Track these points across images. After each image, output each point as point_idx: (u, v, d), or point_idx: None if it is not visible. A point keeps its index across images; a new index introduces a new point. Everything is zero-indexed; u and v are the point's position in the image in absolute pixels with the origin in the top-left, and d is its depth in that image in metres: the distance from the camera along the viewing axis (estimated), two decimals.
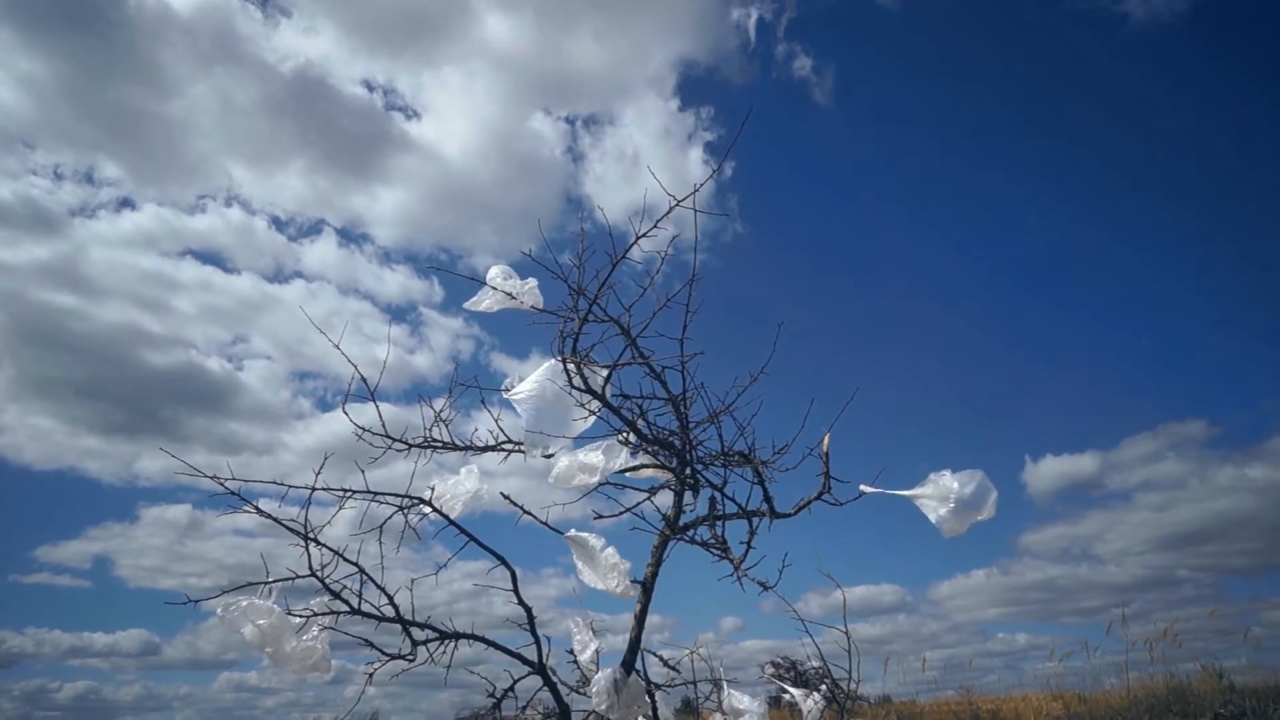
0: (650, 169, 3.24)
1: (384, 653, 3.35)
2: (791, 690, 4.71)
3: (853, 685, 4.16)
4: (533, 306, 3.62)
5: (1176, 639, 7.33)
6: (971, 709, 7.83)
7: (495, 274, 3.69)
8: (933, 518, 3.31)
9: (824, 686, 4.42)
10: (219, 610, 3.13)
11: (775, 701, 9.85)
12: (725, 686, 4.08)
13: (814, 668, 4.31)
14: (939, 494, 3.31)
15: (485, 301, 3.68)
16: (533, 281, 3.62)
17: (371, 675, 3.34)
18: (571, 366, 3.38)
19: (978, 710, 7.78)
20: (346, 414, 3.58)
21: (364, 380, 3.57)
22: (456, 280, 3.83)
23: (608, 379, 3.51)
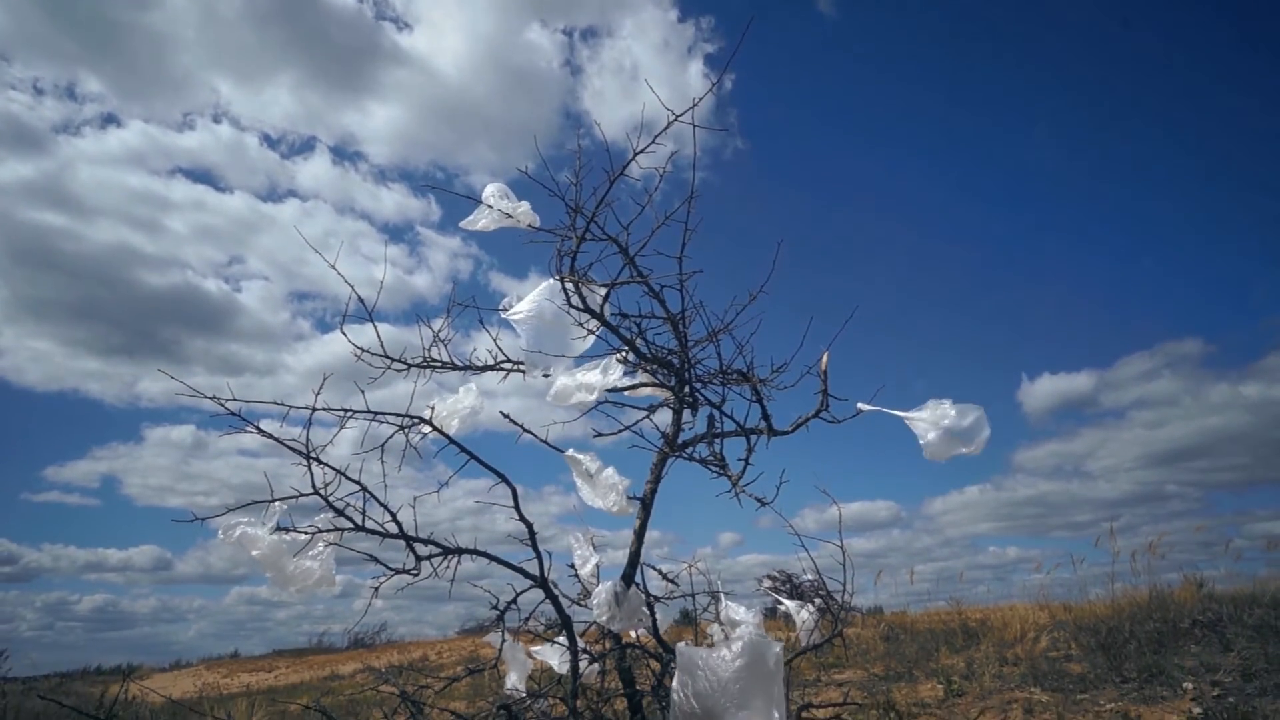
0: (648, 82, 3.14)
1: (389, 568, 3.42)
2: (786, 602, 4.84)
3: (846, 597, 4.28)
4: (529, 225, 3.57)
5: (1154, 549, 7.53)
6: (960, 619, 8.09)
7: (491, 192, 3.62)
8: (921, 440, 3.35)
9: (818, 599, 4.54)
10: (219, 534, 3.18)
11: (771, 613, 10.16)
12: (723, 599, 4.18)
13: (809, 581, 4.42)
14: (933, 419, 3.34)
15: (481, 220, 3.62)
16: (526, 203, 3.56)
17: (377, 589, 3.41)
18: (570, 285, 3.35)
19: (966, 620, 8.04)
20: (345, 334, 3.56)
21: (361, 301, 3.54)
22: (454, 199, 3.78)
23: (606, 298, 3.48)
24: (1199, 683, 4.80)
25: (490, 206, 3.57)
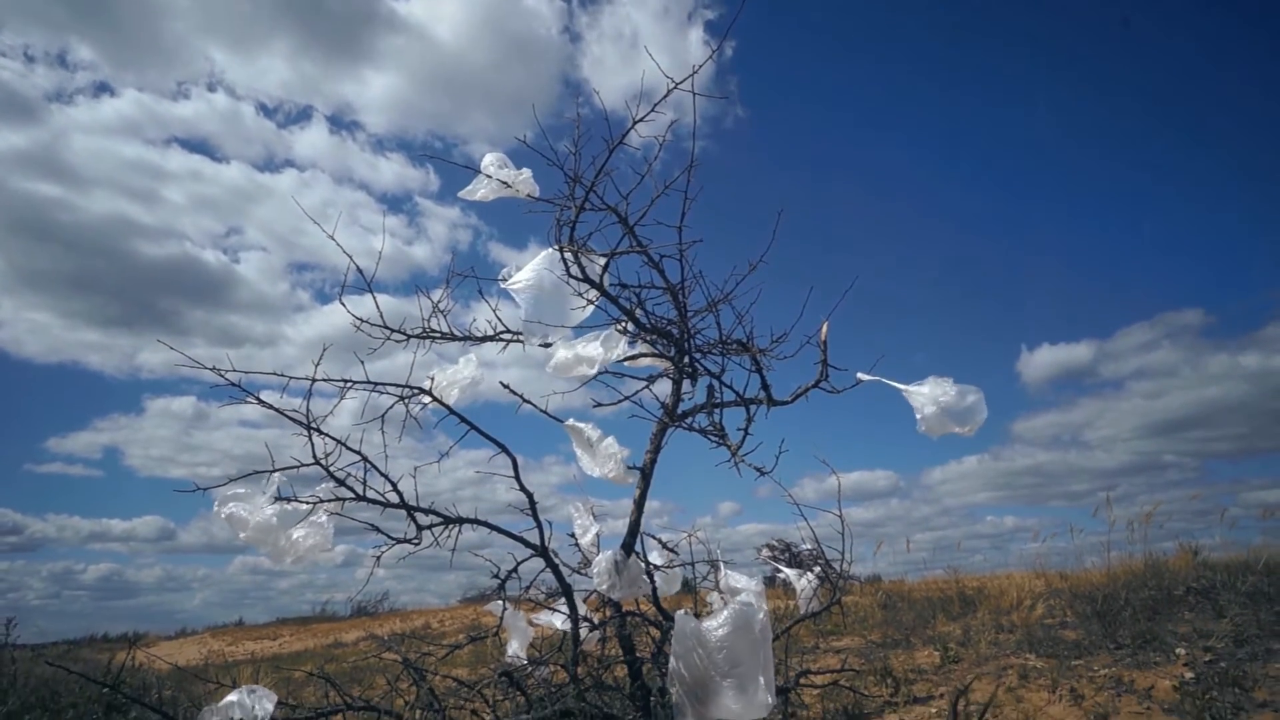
0: (648, 49, 3.10)
1: (390, 537, 3.44)
2: (785, 570, 4.88)
3: (845, 566, 4.31)
4: (528, 195, 3.55)
5: (1150, 518, 7.58)
6: (958, 587, 8.17)
7: (490, 161, 3.59)
8: (918, 414, 3.36)
9: (817, 567, 4.58)
10: (215, 508, 3.20)
11: (770, 581, 10.25)
12: (722, 567, 4.22)
13: (808, 549, 4.45)
14: (933, 395, 3.36)
15: (480, 190, 3.60)
16: (527, 172, 3.53)
17: (379, 558, 3.44)
18: (569, 255, 3.33)
19: (963, 588, 8.12)
20: (344, 305, 3.55)
21: (360, 271, 3.53)
22: (452, 168, 3.75)
23: (605, 268, 3.47)
24: (1192, 648, 4.86)
25: (489, 176, 3.55)
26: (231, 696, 3.09)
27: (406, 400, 3.56)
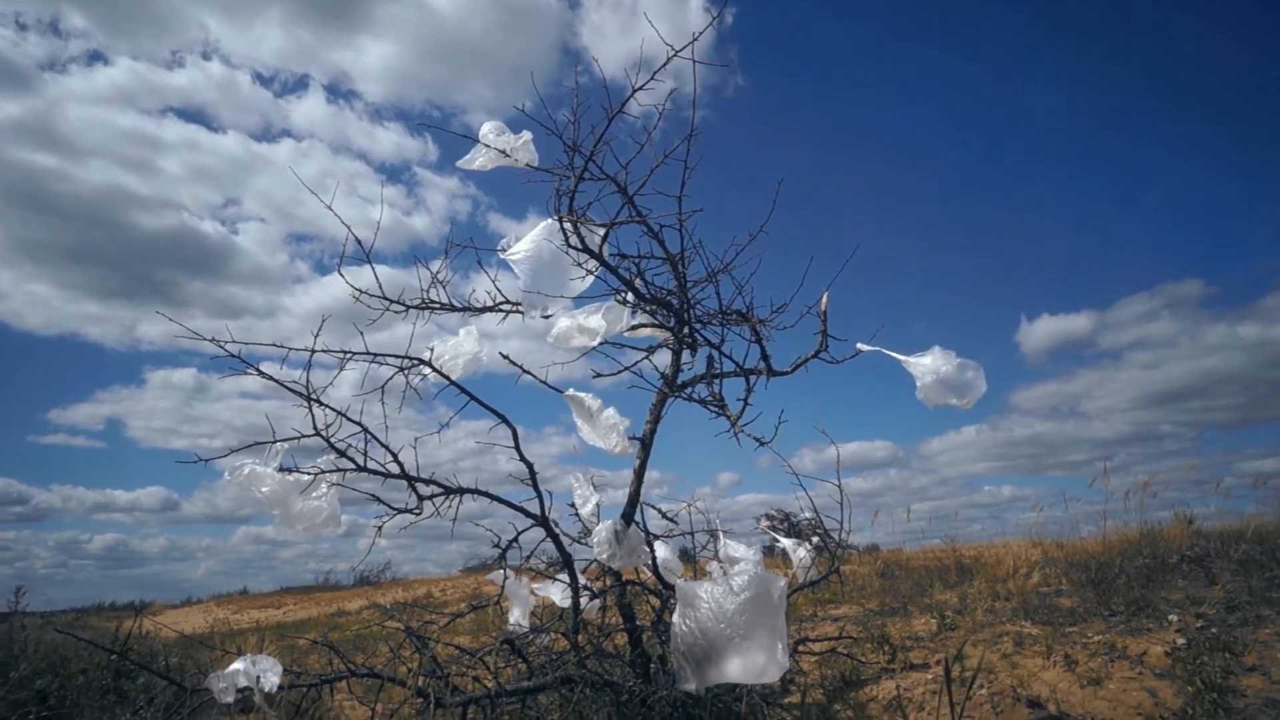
0: (648, 17, 3.06)
1: (391, 507, 3.47)
2: (783, 540, 4.93)
3: (843, 535, 4.36)
4: (527, 164, 3.52)
5: (1147, 488, 7.63)
6: (955, 556, 8.25)
7: (488, 130, 3.56)
8: (918, 383, 3.38)
9: (815, 537, 4.62)
10: (226, 475, 3.22)
11: (769, 551, 10.35)
12: (721, 537, 4.26)
13: (807, 519, 4.49)
14: (932, 365, 3.36)
15: (479, 159, 3.57)
16: (526, 135, 3.50)
17: (380, 528, 3.47)
18: (568, 225, 3.32)
19: (960, 557, 8.19)
20: (342, 275, 3.54)
21: (359, 242, 3.52)
22: (451, 138, 3.71)
23: (605, 238, 3.46)
24: (1184, 615, 4.92)
25: (488, 146, 3.52)
26: (237, 664, 3.13)
27: (406, 371, 3.57)
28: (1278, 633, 4.48)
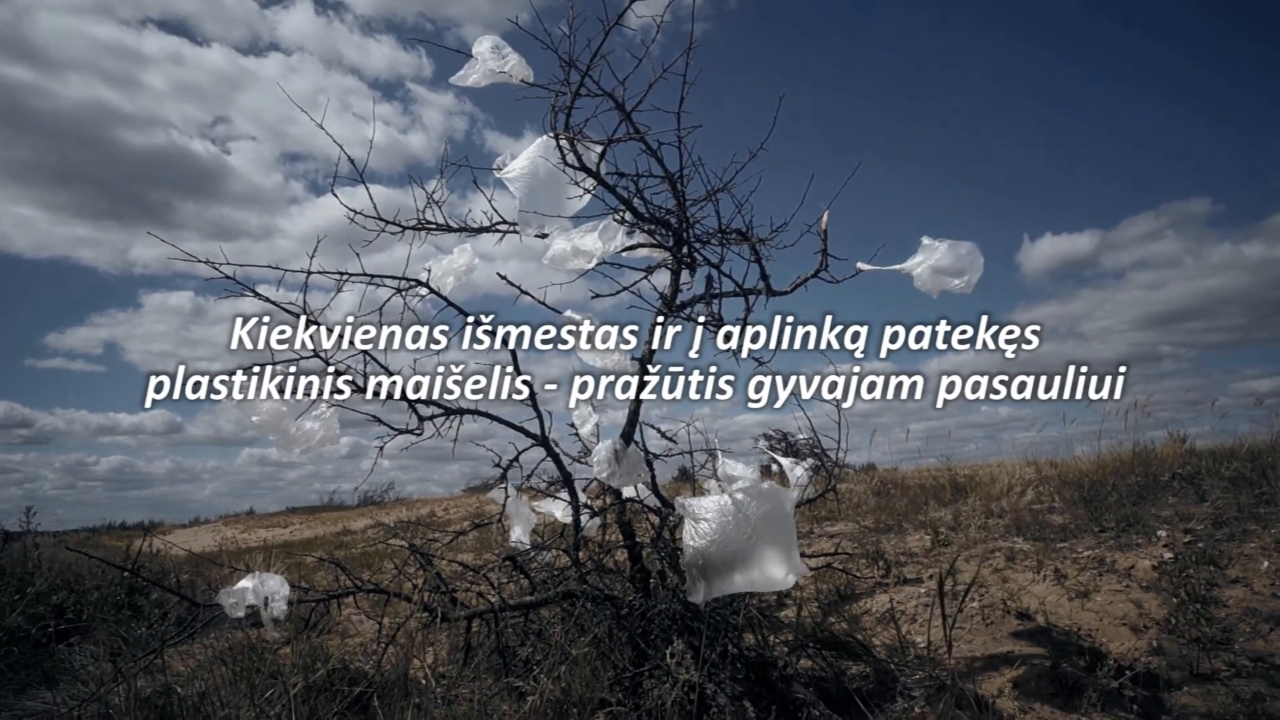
0: None
1: (392, 428, 3.49)
2: (780, 460, 4.98)
3: (840, 455, 4.40)
4: (522, 80, 3.42)
5: (1143, 408, 7.68)
6: (950, 475, 8.37)
7: (483, 45, 3.45)
8: (914, 273, 3.37)
9: (812, 457, 4.67)
10: (224, 395, 3.23)
11: (766, 470, 10.48)
12: (720, 456, 4.30)
13: (804, 439, 4.53)
14: (926, 255, 3.36)
15: (473, 75, 3.46)
16: (519, 58, 3.39)
17: (382, 449, 3.49)
18: (564, 143, 3.24)
19: (955, 476, 8.31)
20: (336, 196, 3.48)
21: (352, 161, 3.44)
22: (447, 54, 3.58)
23: (602, 156, 3.38)
24: (1173, 530, 5.03)
25: (481, 60, 3.41)
26: (246, 581, 3.20)
27: (404, 292, 3.54)
28: (1262, 546, 4.59)
